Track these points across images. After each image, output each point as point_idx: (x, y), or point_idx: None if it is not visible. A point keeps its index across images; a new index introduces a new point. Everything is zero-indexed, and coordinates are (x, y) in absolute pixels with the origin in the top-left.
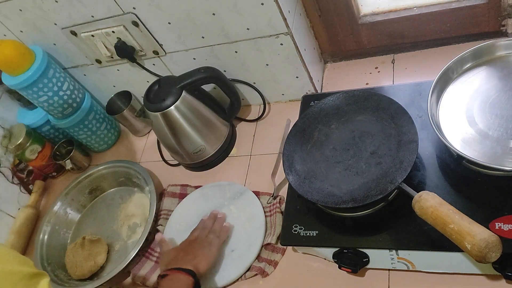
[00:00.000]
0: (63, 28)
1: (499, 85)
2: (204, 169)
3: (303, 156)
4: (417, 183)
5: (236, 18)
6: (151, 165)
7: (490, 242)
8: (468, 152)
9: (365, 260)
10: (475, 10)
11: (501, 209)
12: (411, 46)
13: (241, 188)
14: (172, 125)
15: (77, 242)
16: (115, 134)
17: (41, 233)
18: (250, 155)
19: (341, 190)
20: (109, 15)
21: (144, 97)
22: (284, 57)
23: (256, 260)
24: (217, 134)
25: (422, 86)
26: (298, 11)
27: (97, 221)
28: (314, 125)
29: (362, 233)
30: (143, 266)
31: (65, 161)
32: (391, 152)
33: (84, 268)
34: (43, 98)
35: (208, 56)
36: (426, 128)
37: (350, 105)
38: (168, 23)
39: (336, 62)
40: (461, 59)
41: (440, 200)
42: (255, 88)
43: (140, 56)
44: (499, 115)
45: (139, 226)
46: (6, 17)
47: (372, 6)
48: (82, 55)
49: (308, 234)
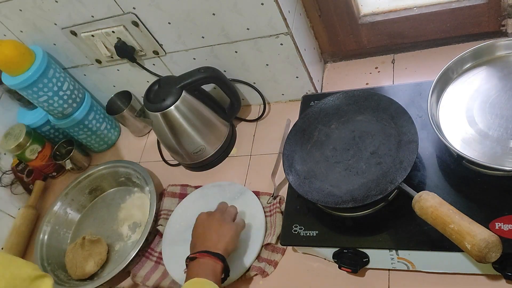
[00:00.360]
0: (63, 28)
1: (499, 85)
2: (204, 169)
3: (303, 156)
4: (417, 183)
5: (236, 18)
6: (151, 165)
7: (490, 242)
8: (468, 152)
9: (365, 260)
10: (475, 10)
11: (501, 209)
12: (411, 46)
13: (241, 188)
14: (172, 125)
15: (77, 242)
16: (115, 134)
17: (41, 233)
18: (250, 155)
19: (341, 190)
20: (109, 15)
21: (144, 97)
22: (284, 57)
23: (256, 260)
24: (217, 134)
25: (422, 86)
26: (298, 11)
27: (97, 221)
28: (314, 125)
29: (362, 233)
30: (143, 266)
31: (65, 161)
32: (391, 152)
33: (84, 268)
34: (43, 98)
35: (208, 56)
36: (426, 128)
37: (350, 105)
38: (168, 23)
39: (336, 62)
40: (461, 59)
41: (440, 200)
42: (255, 88)
43: (140, 56)
44: (499, 115)
45: (139, 226)
46: (6, 17)
47: (372, 6)
48: (82, 55)
49: (308, 234)
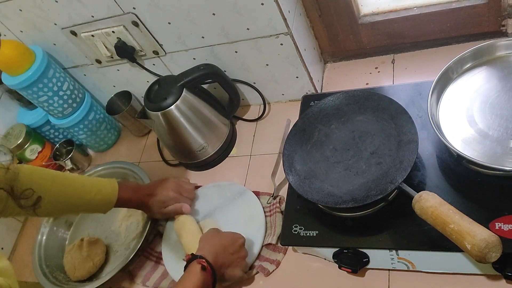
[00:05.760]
0: (63, 28)
1: (499, 85)
2: (204, 169)
3: (303, 156)
4: (417, 183)
5: (236, 18)
6: (151, 165)
7: (490, 242)
8: (468, 152)
9: (365, 260)
10: (475, 10)
11: (501, 209)
12: (411, 46)
13: (241, 188)
14: (173, 124)
15: (76, 244)
16: (115, 134)
17: (39, 234)
18: (250, 155)
19: (341, 190)
20: (109, 15)
21: (144, 97)
22: (284, 57)
23: (257, 260)
24: (217, 133)
25: (422, 86)
26: (298, 11)
27: (96, 222)
28: (314, 125)
29: (362, 233)
30: (143, 266)
31: (65, 161)
32: (391, 152)
33: (82, 269)
34: (43, 98)
35: (208, 56)
36: (426, 128)
37: (350, 105)
38: (168, 23)
39: (336, 62)
40: (461, 59)
41: (440, 200)
42: (255, 88)
43: (140, 56)
44: (499, 115)
45: (137, 227)
46: (6, 17)
47: (372, 6)
48: (82, 55)
49: (308, 234)
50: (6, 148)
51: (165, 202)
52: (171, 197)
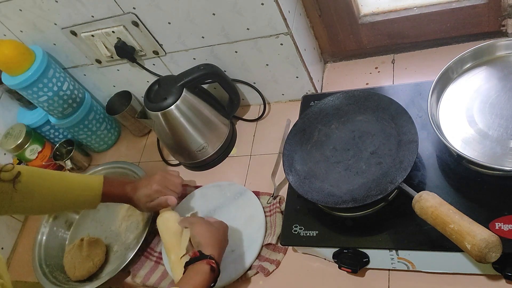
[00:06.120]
0: (63, 28)
1: (499, 85)
2: (204, 169)
3: (303, 156)
4: (417, 183)
5: (236, 18)
6: (151, 165)
7: (490, 242)
8: (468, 152)
9: (365, 260)
10: (475, 10)
11: (501, 209)
12: (411, 46)
13: (241, 188)
14: (173, 124)
15: (75, 244)
16: (115, 134)
17: (39, 234)
18: (250, 155)
19: (341, 190)
20: (109, 15)
21: (144, 97)
22: (284, 57)
23: (256, 260)
24: (217, 133)
25: (422, 86)
26: (298, 11)
27: (96, 222)
28: (314, 125)
29: (362, 233)
30: (143, 266)
31: (65, 161)
32: (391, 152)
33: (82, 269)
34: (43, 98)
35: (208, 56)
36: (426, 128)
37: (350, 105)
38: (168, 23)
39: (336, 62)
40: (461, 59)
41: (440, 200)
42: (255, 88)
43: (140, 56)
44: (499, 115)
45: (137, 227)
46: (6, 17)
47: (372, 6)
48: (82, 55)
49: (308, 234)
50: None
51: (150, 196)
52: (155, 189)
